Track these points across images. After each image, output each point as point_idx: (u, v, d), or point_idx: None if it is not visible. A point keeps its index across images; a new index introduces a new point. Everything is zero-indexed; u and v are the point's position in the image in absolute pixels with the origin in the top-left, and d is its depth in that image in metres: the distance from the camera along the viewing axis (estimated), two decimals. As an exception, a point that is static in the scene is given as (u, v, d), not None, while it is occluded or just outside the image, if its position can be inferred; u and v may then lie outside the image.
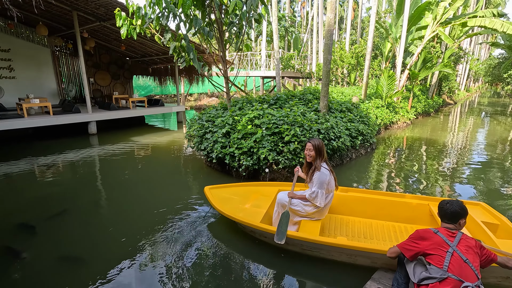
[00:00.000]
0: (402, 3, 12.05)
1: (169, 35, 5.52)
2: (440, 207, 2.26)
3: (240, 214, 3.22)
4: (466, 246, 2.02)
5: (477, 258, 1.99)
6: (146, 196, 4.56)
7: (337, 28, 35.10)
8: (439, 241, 2.07)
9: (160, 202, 4.28)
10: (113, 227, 3.59)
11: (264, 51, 15.49)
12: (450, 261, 1.97)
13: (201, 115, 6.40)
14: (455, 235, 2.09)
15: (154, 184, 5.11)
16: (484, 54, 46.24)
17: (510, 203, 4.40)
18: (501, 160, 6.87)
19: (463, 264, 1.95)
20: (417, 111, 13.48)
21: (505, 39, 17.23)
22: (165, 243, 3.20)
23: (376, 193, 3.71)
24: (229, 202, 3.53)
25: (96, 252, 3.08)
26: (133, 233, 3.42)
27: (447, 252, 2.00)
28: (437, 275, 1.97)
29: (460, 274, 1.92)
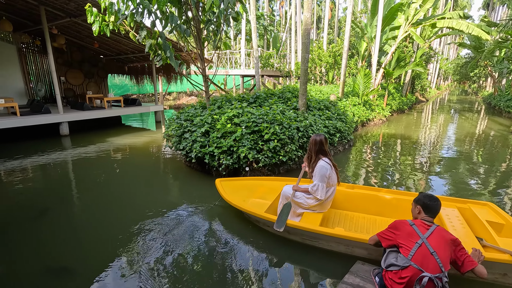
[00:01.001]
0: (376, 4, 12.42)
1: (145, 32, 5.36)
2: (426, 203, 2.27)
3: (247, 205, 3.42)
4: (438, 239, 2.06)
5: (447, 252, 2.02)
6: (124, 199, 4.41)
7: (315, 27, 35.65)
8: (411, 232, 2.16)
9: (140, 205, 4.16)
10: (93, 233, 3.44)
11: (244, 50, 15.45)
12: (416, 251, 2.05)
13: (180, 114, 6.28)
14: (429, 227, 2.16)
15: (132, 186, 4.96)
16: (453, 54, 48.77)
17: (480, 193, 4.67)
18: (469, 153, 7.27)
19: (429, 256, 2.01)
20: (392, 108, 13.98)
21: (471, 40, 18.25)
22: (152, 246, 3.11)
23: (382, 190, 3.73)
24: (237, 194, 3.76)
25: (80, 260, 2.93)
26: (115, 238, 3.29)
27: (416, 243, 2.09)
28: (401, 263, 2.08)
29: (422, 264, 2.00)
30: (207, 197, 4.40)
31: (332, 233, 2.85)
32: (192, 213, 3.88)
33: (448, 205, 3.29)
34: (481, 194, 4.68)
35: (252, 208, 3.33)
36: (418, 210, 2.32)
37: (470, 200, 3.30)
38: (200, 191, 4.69)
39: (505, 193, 4.75)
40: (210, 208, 4.02)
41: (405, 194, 3.61)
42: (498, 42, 16.29)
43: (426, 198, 2.27)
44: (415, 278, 1.98)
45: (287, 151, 5.08)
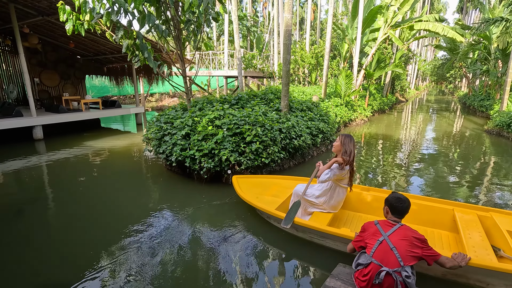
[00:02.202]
0: (356, 6, 12.65)
1: (121, 32, 5.18)
2: (393, 204, 2.30)
3: (259, 202, 3.55)
4: (400, 236, 2.11)
5: (409, 248, 2.06)
6: (102, 205, 4.22)
7: (298, 28, 35.99)
8: (375, 231, 2.24)
9: (118, 211, 4.00)
10: (69, 242, 3.25)
11: (227, 51, 15.33)
12: (377, 248, 2.13)
13: (159, 116, 6.12)
14: (393, 226, 2.21)
15: (111, 192, 4.76)
16: (430, 55, 50.57)
17: (457, 191, 4.80)
18: (447, 151, 7.50)
19: (389, 251, 2.07)
20: (373, 108, 14.28)
21: (446, 42, 18.96)
22: (131, 254, 2.97)
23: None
24: (251, 191, 3.91)
25: (56, 270, 2.75)
26: (93, 245, 3.13)
27: (377, 241, 2.16)
28: (364, 261, 2.15)
29: (382, 260, 2.07)
30: (188, 202, 4.28)
31: (337, 233, 2.87)
32: (173, 218, 3.75)
33: (468, 212, 3.17)
34: (459, 190, 4.82)
35: (264, 205, 3.45)
36: (386, 210, 2.38)
37: (492, 209, 3.15)
38: (181, 196, 4.57)
39: (480, 188, 4.91)
40: (193, 211, 3.91)
41: (423, 199, 3.47)
42: (471, 44, 17.00)
43: (393, 199, 2.30)
44: (375, 273, 2.05)
45: (269, 153, 5.04)
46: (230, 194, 4.53)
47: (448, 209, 3.25)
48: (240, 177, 4.31)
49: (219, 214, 3.89)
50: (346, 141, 3.18)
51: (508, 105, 10.86)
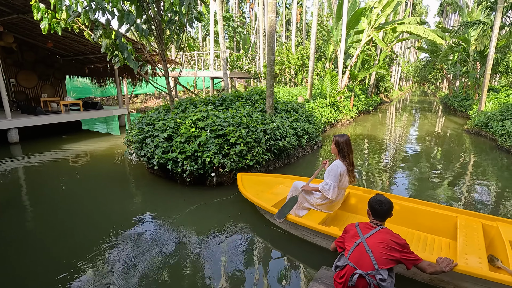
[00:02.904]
0: (341, 8, 12.80)
1: (100, 31, 5.01)
2: (373, 207, 2.27)
3: (258, 198, 3.66)
4: (378, 239, 2.09)
5: (386, 251, 2.03)
6: (82, 211, 4.03)
7: (284, 30, 36.16)
8: (354, 234, 2.23)
9: (99, 216, 3.83)
10: (46, 250, 3.07)
11: (213, 51, 15.19)
12: (353, 251, 2.12)
13: (141, 118, 5.95)
14: (373, 229, 2.18)
15: (91, 196, 4.57)
16: (413, 57, 51.94)
17: (439, 189, 4.88)
18: (429, 151, 7.66)
19: (364, 254, 2.06)
20: (358, 109, 14.47)
21: (428, 44, 19.49)
22: (112, 263, 2.83)
23: (402, 198, 3.56)
24: (254, 188, 4.03)
25: (32, 281, 2.58)
26: (72, 253, 2.97)
27: (355, 243, 2.15)
28: (341, 264, 2.15)
29: (357, 263, 2.06)
30: (171, 206, 4.17)
31: (325, 231, 2.89)
32: (156, 223, 3.63)
33: (471, 220, 3.06)
34: (440, 189, 4.90)
35: (262, 201, 3.55)
36: (368, 212, 2.35)
37: (499, 218, 3.01)
38: (164, 199, 4.44)
39: (460, 186, 5.01)
40: (178, 216, 3.80)
41: (427, 205, 3.39)
42: (451, 46, 17.54)
43: (374, 202, 2.28)
44: (350, 275, 2.04)
45: (254, 154, 4.98)
46: (214, 197, 4.45)
47: (452, 216, 3.16)
48: (244, 174, 4.43)
49: (213, 213, 3.80)
50: (340, 142, 3.22)
51: (486, 105, 11.23)
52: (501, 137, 7.99)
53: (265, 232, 3.51)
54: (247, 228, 3.57)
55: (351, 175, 3.29)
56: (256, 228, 3.58)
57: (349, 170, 3.26)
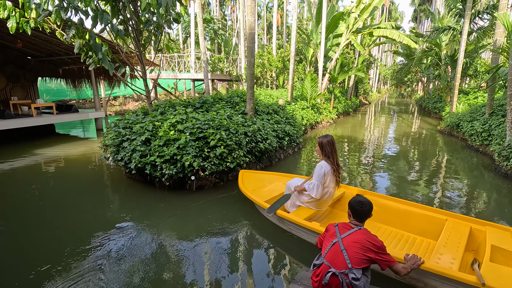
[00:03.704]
0: (320, 12, 13.05)
1: (73, 31, 4.81)
2: (354, 207, 2.29)
3: (254, 194, 3.83)
4: (354, 239, 2.11)
5: (360, 251, 2.05)
6: (55, 219, 3.83)
7: (265, 33, 36.41)
8: (332, 233, 2.26)
9: (73, 225, 3.65)
10: (15, 264, 2.88)
11: (193, 53, 15.03)
12: (329, 250, 2.16)
13: (118, 121, 5.77)
14: (351, 229, 2.21)
15: (66, 204, 4.36)
16: (390, 60, 53.82)
17: (416, 187, 5.05)
18: (406, 151, 7.93)
19: (339, 253, 2.09)
20: (338, 111, 14.79)
21: (403, 49, 20.25)
22: (95, 270, 2.69)
23: (393, 199, 3.61)
24: (252, 184, 4.22)
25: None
26: (43, 268, 2.79)
27: (331, 242, 2.18)
28: (318, 262, 2.18)
29: (332, 261, 2.09)
30: (149, 211, 4.05)
31: (307, 226, 3.01)
32: (134, 229, 3.51)
33: (460, 223, 3.05)
34: (417, 186, 5.07)
35: (257, 196, 3.73)
36: (349, 213, 2.37)
37: (489, 223, 2.97)
38: (142, 205, 4.31)
39: (434, 184, 5.22)
40: (156, 221, 3.69)
41: (417, 207, 3.43)
42: (424, 51, 18.32)
43: (354, 203, 2.30)
44: (324, 274, 2.07)
45: (234, 157, 4.95)
46: (194, 201, 4.37)
47: (441, 219, 3.17)
48: (246, 171, 4.62)
49: (193, 217, 3.72)
50: (323, 142, 3.30)
51: (457, 107, 11.80)
52: (470, 137, 8.41)
53: (246, 234, 3.49)
54: (229, 230, 3.53)
55: (337, 175, 3.34)
56: (238, 230, 3.55)
57: (334, 170, 3.31)
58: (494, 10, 12.52)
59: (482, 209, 4.31)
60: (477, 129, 8.04)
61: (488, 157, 7.10)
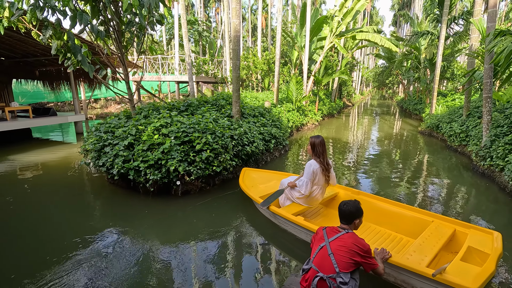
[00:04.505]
0: (304, 15, 13.21)
1: (50, 32, 4.61)
2: (339, 207, 2.32)
3: (251, 190, 4.07)
4: (340, 243, 2.11)
5: (347, 255, 2.05)
6: (32, 229, 3.61)
7: (250, 35, 36.53)
8: (321, 237, 2.26)
9: (53, 235, 3.47)
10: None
11: (177, 55, 14.81)
12: (317, 254, 2.15)
13: (99, 125, 5.57)
14: (338, 233, 2.21)
15: (44, 213, 4.14)
16: (372, 63, 55.25)
17: (398, 187, 5.15)
18: (389, 151, 8.11)
19: (326, 257, 2.09)
20: (323, 113, 14.98)
21: (384, 52, 20.83)
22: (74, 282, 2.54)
23: (385, 200, 3.69)
24: (252, 181, 4.47)
25: None
26: (25, 277, 2.61)
27: (319, 246, 2.18)
28: (306, 267, 2.18)
29: (320, 266, 2.09)
30: (134, 218, 3.91)
31: (292, 219, 3.23)
32: (117, 238, 3.37)
33: (445, 225, 3.08)
34: (399, 185, 5.18)
35: (253, 192, 3.97)
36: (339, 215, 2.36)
37: (474, 226, 2.98)
38: (126, 212, 4.17)
39: (417, 182, 5.35)
40: (140, 228, 3.56)
41: (406, 208, 3.50)
42: (404, 54, 18.90)
43: (340, 203, 2.29)
44: (312, 278, 2.07)
45: (221, 161, 4.88)
46: (180, 207, 4.27)
47: (427, 220, 3.22)
48: (248, 169, 4.86)
49: (179, 223, 3.61)
50: (315, 142, 3.50)
51: (436, 108, 12.22)
52: (449, 138, 8.71)
53: (235, 238, 3.43)
54: (217, 234, 3.46)
55: (326, 174, 3.50)
56: (226, 233, 3.48)
57: (323, 169, 3.47)
58: (469, 16, 13.09)
59: (462, 208, 4.45)
60: (456, 130, 8.34)
61: (466, 157, 7.37)
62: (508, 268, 2.92)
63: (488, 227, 3.80)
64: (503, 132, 6.02)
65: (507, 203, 4.55)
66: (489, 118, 6.35)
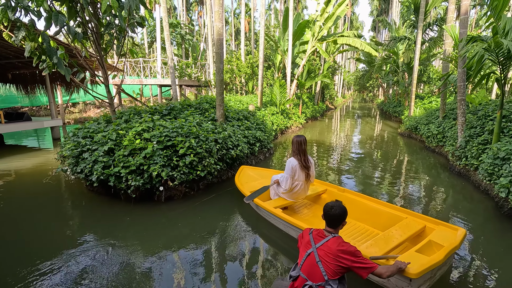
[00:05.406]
0: (286, 19, 13.37)
1: (23, 33, 4.41)
2: (324, 211, 2.20)
3: (243, 186, 4.36)
4: (327, 249, 2.05)
5: (335, 262, 1.99)
6: (8, 240, 3.41)
7: (233, 39, 36.57)
8: (307, 242, 2.18)
9: (28, 246, 3.27)
10: None
11: (160, 58, 14.58)
12: (305, 261, 2.10)
13: (77, 130, 5.37)
14: (324, 238, 2.12)
15: (20, 222, 3.92)
16: (353, 67, 56.67)
17: (380, 189, 5.27)
18: (370, 152, 8.31)
19: (314, 265, 2.03)
20: (307, 116, 15.17)
21: (365, 56, 21.43)
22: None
23: (367, 198, 3.86)
24: (247, 178, 4.76)
25: None
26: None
27: (306, 253, 2.12)
28: (294, 274, 2.13)
29: (308, 274, 2.05)
30: (114, 226, 3.77)
31: (271, 210, 3.51)
32: (97, 248, 3.23)
33: (416, 221, 3.21)
34: (380, 184, 5.30)
35: (244, 187, 4.26)
36: (323, 217, 2.25)
37: (443, 222, 3.09)
38: (106, 220, 4.01)
39: (396, 181, 5.50)
40: (124, 237, 3.44)
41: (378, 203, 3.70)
42: (384, 58, 19.51)
43: (326, 207, 2.19)
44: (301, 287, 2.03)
45: (205, 165, 4.81)
46: (163, 213, 4.17)
47: (402, 217, 3.36)
48: (246, 167, 5.18)
49: (161, 230, 3.51)
50: (294, 141, 3.74)
51: (415, 111, 12.66)
52: (427, 139, 9.04)
53: (220, 242, 3.37)
54: (201, 240, 3.39)
55: (306, 171, 3.74)
56: (210, 238, 3.42)
57: (301, 166, 3.70)
58: (443, 22, 13.71)
59: (439, 205, 4.61)
60: (433, 132, 8.67)
61: (443, 157, 7.66)
62: (480, 263, 3.04)
63: (463, 223, 3.96)
64: (476, 133, 6.30)
65: (481, 201, 4.75)
66: (464, 120, 6.64)
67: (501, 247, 3.38)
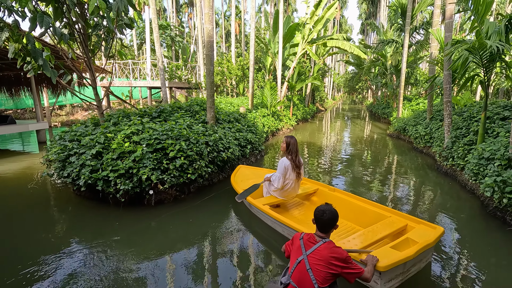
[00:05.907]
0: (277, 22, 13.46)
1: (6, 33, 4.28)
2: (315, 216, 2.15)
3: (237, 184, 4.50)
4: (318, 256, 2.00)
5: (325, 269, 1.97)
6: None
7: (224, 41, 36.56)
8: (298, 247, 2.12)
9: (11, 255, 3.16)
10: None
11: (149, 60, 14.42)
12: (295, 269, 2.04)
13: (64, 134, 5.25)
14: (315, 244, 2.07)
15: (3, 228, 3.79)
16: (342, 69, 57.42)
17: (368, 189, 5.33)
18: (360, 153, 8.41)
19: (305, 273, 1.99)
20: (298, 117, 15.26)
21: (354, 59, 21.75)
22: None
23: (356, 197, 3.97)
24: (243, 177, 4.83)
25: None
26: None
27: (297, 260, 2.06)
28: (284, 281, 2.08)
29: (299, 282, 2.00)
30: (103, 231, 3.69)
31: (259, 207, 3.64)
32: (84, 255, 3.14)
33: (399, 220, 3.29)
34: (370, 184, 5.36)
35: (238, 186, 4.41)
36: (313, 221, 2.19)
37: (424, 222, 3.15)
38: (94, 225, 3.92)
39: (386, 181, 5.57)
40: (113, 242, 3.36)
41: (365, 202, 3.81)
42: (372, 61, 19.84)
43: (316, 211, 2.14)
44: None
45: (196, 168, 4.77)
46: (153, 217, 4.10)
47: (386, 215, 3.46)
48: (243, 166, 5.31)
49: (152, 235, 3.44)
50: (287, 141, 3.87)
51: (403, 112, 12.91)
52: (415, 140, 9.22)
53: (212, 245, 3.34)
54: (192, 244, 3.35)
55: (297, 170, 3.86)
56: (201, 241, 3.39)
57: (293, 166, 3.82)
58: (429, 26, 14.05)
59: (426, 204, 4.70)
60: (421, 133, 8.84)
61: (431, 158, 7.82)
62: (464, 261, 3.11)
63: (449, 222, 4.05)
64: (462, 133, 6.47)
65: (467, 200, 4.86)
66: (450, 121, 6.80)
67: (485, 245, 3.47)
